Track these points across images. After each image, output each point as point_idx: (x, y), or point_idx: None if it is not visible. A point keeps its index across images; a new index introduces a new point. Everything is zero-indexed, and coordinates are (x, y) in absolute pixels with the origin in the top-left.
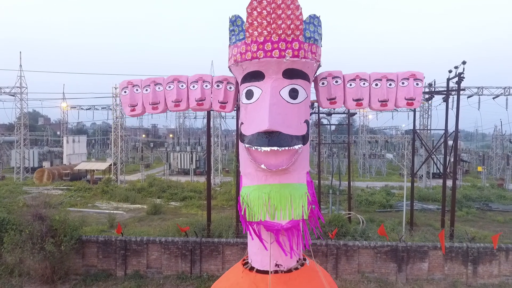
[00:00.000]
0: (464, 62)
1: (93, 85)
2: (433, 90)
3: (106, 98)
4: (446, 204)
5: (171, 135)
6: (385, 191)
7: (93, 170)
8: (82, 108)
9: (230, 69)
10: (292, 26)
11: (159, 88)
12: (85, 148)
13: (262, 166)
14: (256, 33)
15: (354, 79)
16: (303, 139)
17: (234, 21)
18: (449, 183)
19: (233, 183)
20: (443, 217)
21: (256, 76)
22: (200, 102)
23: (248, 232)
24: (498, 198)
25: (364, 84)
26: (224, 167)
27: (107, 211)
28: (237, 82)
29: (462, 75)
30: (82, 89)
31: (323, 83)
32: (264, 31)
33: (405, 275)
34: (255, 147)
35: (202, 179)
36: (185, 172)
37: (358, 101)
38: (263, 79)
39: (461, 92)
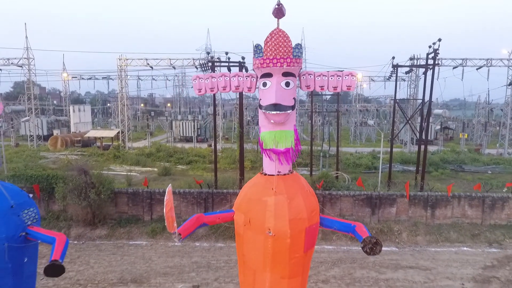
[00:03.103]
0: (439, 40)
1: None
2: (413, 64)
3: (106, 68)
4: (422, 165)
5: (169, 104)
6: (372, 155)
7: (102, 138)
8: (82, 78)
9: (254, 70)
10: (286, 50)
11: (214, 79)
12: (90, 116)
13: (272, 121)
14: (268, 54)
15: (320, 75)
16: (292, 107)
17: (257, 46)
18: (433, 148)
19: (236, 147)
20: (416, 174)
21: (268, 75)
22: (237, 87)
23: (264, 153)
24: (472, 161)
25: (324, 77)
26: (224, 134)
27: (123, 173)
28: (257, 77)
29: (437, 51)
30: (83, 58)
31: (303, 77)
32: (272, 53)
33: (377, 217)
34: (268, 111)
35: (204, 145)
36: (187, 140)
37: (322, 87)
38: (272, 76)
39: (446, 63)
